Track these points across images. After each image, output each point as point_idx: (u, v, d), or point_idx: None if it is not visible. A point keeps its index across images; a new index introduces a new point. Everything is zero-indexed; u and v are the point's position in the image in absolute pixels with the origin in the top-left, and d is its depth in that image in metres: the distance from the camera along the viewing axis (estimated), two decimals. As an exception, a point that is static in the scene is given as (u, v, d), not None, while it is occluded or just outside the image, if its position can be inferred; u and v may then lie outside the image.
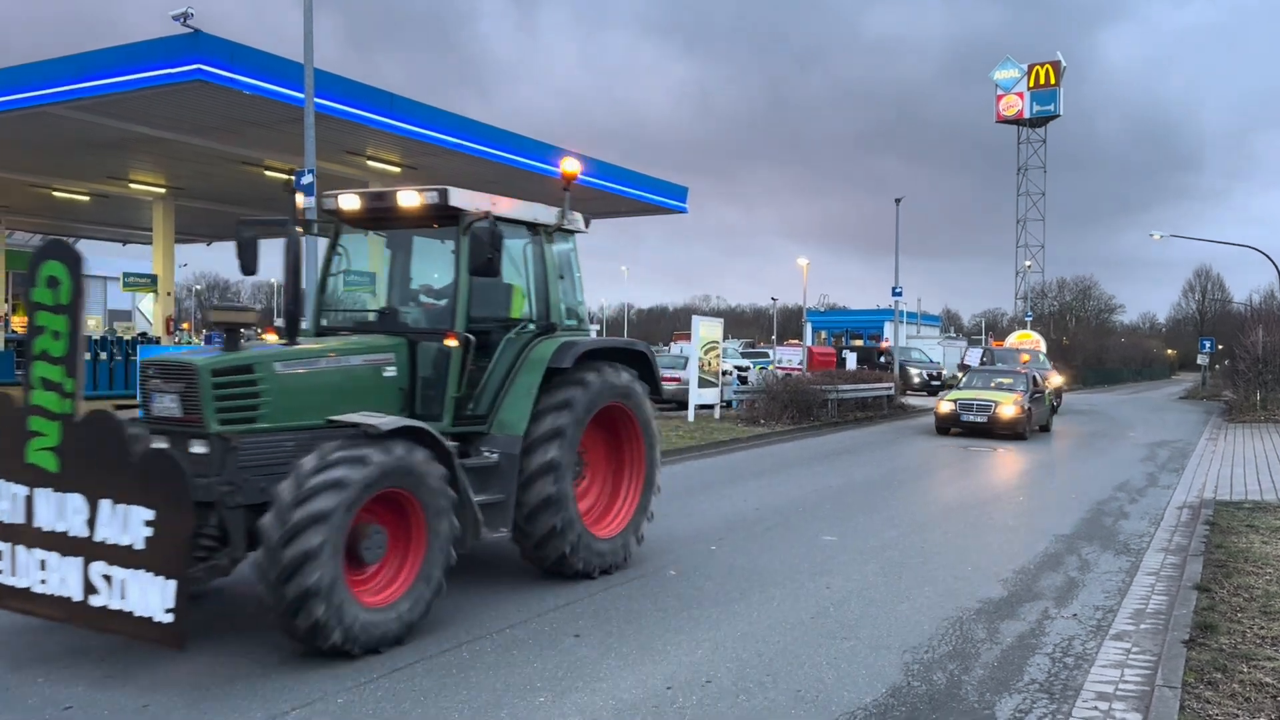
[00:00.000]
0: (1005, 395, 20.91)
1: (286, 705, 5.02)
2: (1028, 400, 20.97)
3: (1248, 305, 68.54)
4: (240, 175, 24.34)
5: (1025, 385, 21.92)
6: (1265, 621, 6.46)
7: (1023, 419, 20.33)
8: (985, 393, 21.40)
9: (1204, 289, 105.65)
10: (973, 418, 20.42)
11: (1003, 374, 23.37)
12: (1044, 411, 22.98)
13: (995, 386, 22.03)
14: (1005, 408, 20.21)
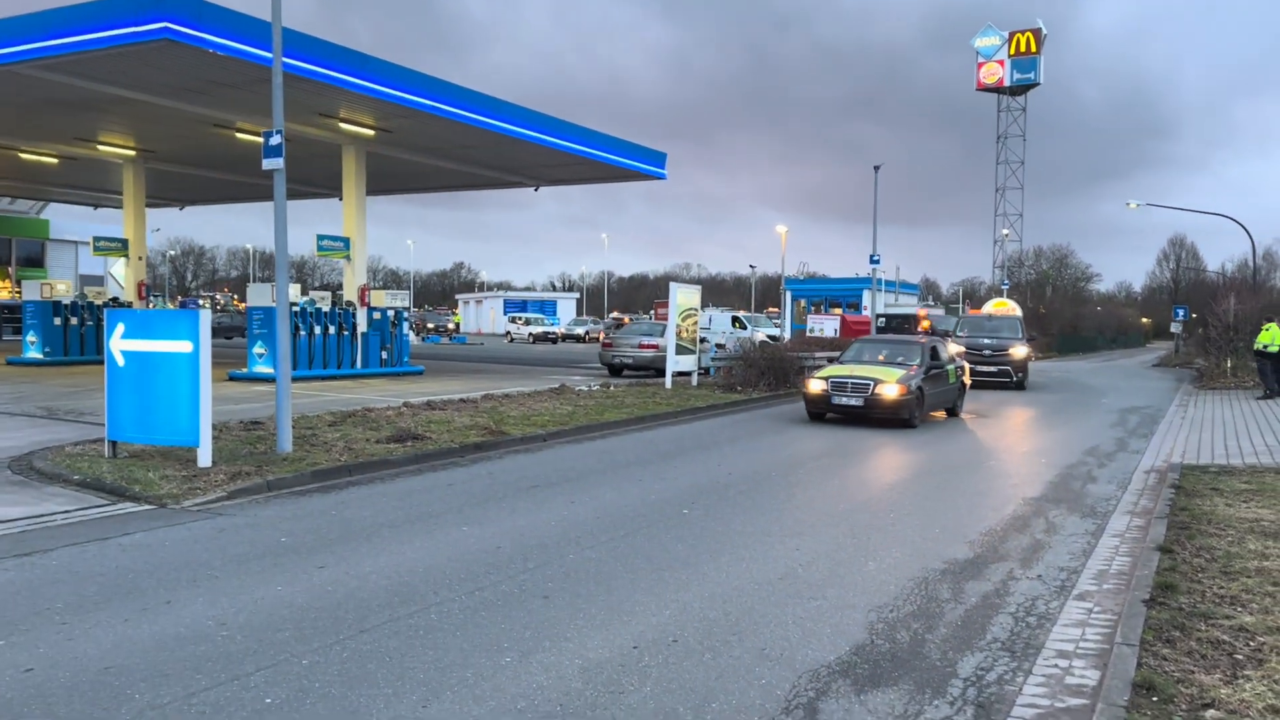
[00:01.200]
0: (890, 371, 16.67)
1: (251, 666, 5.02)
2: (920, 378, 16.72)
3: (1221, 274, 69.19)
4: (212, 137, 24.03)
5: (920, 358, 17.59)
6: (1225, 581, 6.55)
7: (909, 401, 16.13)
8: (866, 368, 17.03)
9: (1179, 258, 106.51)
10: (846, 400, 16.29)
11: (895, 344, 19.04)
12: (948, 391, 18.36)
13: (883, 360, 17.78)
14: (886, 387, 16.05)
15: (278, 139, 11.07)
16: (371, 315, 24.41)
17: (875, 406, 16.10)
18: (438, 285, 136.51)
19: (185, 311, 10.53)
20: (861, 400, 16.16)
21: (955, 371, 18.63)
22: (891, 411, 16.10)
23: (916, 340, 19.41)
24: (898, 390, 16.06)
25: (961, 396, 19.06)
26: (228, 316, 55.93)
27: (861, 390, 16.24)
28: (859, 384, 16.35)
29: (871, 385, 16.19)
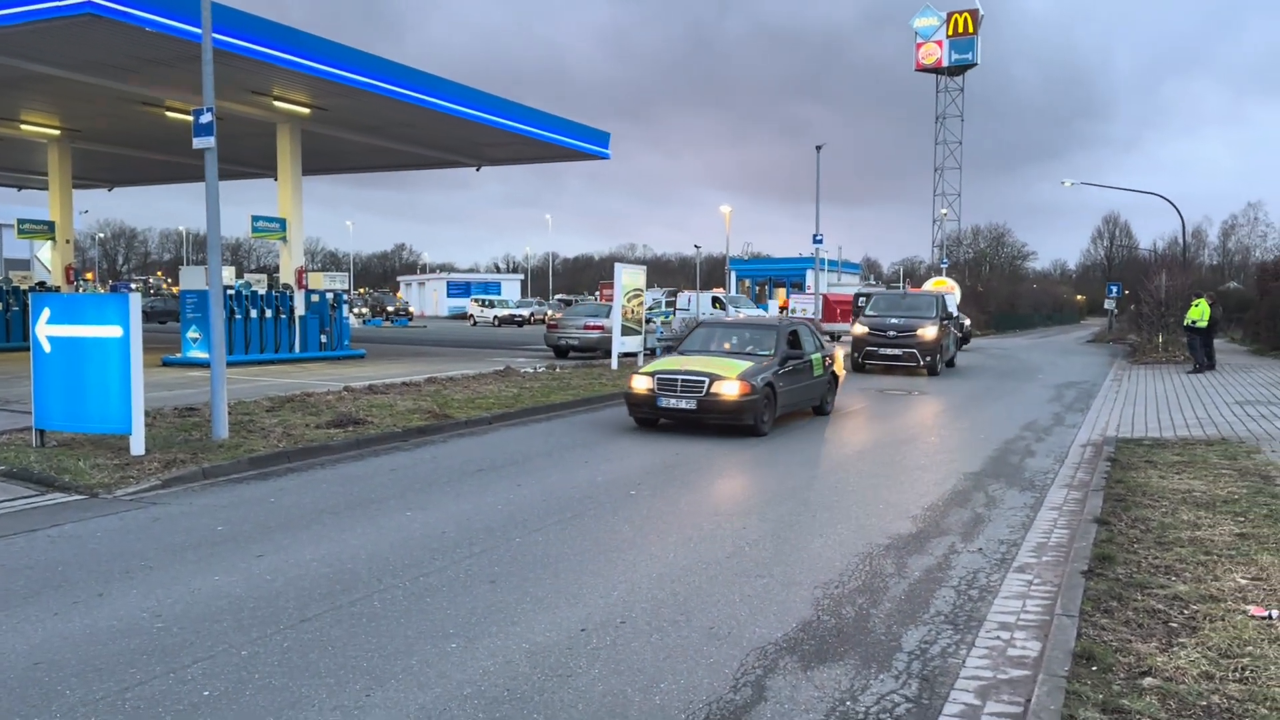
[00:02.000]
0: (732, 364, 13.19)
1: (188, 659, 4.88)
2: (773, 371, 13.36)
3: (1153, 251, 71.02)
4: (140, 116, 23.30)
5: (774, 346, 14.18)
6: (1159, 551, 6.71)
7: (753, 403, 12.63)
8: (706, 360, 13.52)
9: (1112, 235, 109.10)
10: (674, 402, 12.79)
11: (746, 329, 15.48)
12: (813, 386, 14.84)
13: (729, 350, 14.51)
14: (726, 384, 12.60)
15: (208, 117, 10.75)
16: (310, 298, 23.95)
17: (711, 409, 12.64)
18: (378, 267, 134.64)
19: (115, 295, 10.21)
20: (694, 402, 12.66)
21: (822, 362, 15.17)
22: (731, 415, 12.67)
23: (771, 324, 15.63)
24: (738, 388, 12.60)
25: (832, 391, 15.64)
26: (161, 300, 54.47)
27: (694, 389, 12.72)
28: (691, 381, 12.76)
29: (706, 383, 12.66)
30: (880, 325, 24.12)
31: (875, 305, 26.33)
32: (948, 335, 25.28)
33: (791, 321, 15.92)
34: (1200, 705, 4.25)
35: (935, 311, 24.53)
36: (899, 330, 23.73)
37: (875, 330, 24.04)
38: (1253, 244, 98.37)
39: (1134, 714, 4.14)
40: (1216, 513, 7.81)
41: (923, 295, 27.93)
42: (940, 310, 24.77)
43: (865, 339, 24.11)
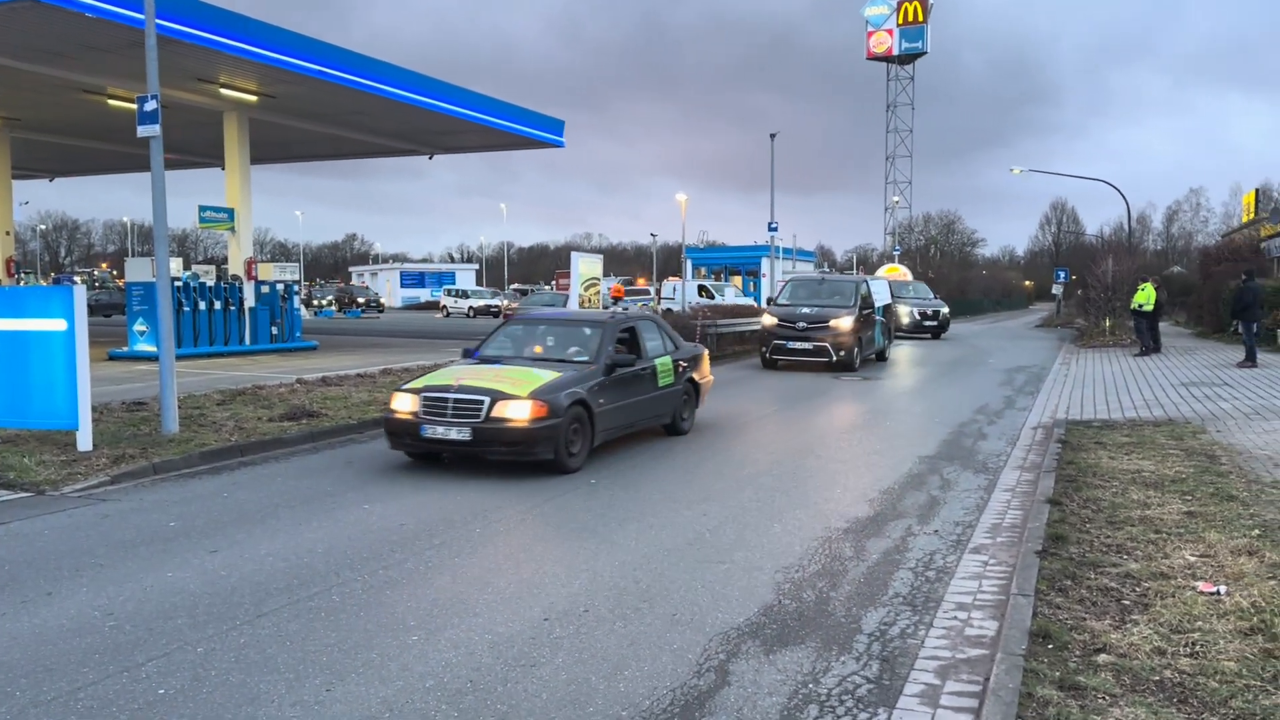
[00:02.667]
0: (530, 377, 9.66)
1: (141, 656, 4.79)
2: (592, 384, 9.94)
3: (1099, 237, 72.36)
4: (82, 104, 22.77)
5: (596, 351, 10.55)
6: (1111, 531, 6.84)
7: (552, 430, 9.16)
8: (497, 373, 9.92)
9: (1060, 222, 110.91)
10: (443, 431, 9.32)
11: (565, 326, 11.63)
12: (657, 401, 11.33)
13: (539, 356, 10.88)
14: (513, 406, 9.14)
15: (153, 105, 10.51)
16: (260, 289, 23.59)
17: (492, 441, 9.06)
18: (329, 258, 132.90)
19: (59, 288, 9.97)
20: (468, 431, 9.07)
21: (674, 368, 11.59)
22: (520, 448, 9.06)
23: (597, 320, 11.34)
24: (529, 410, 9.00)
25: (690, 405, 12.09)
26: (107, 293, 53.29)
27: (469, 413, 9.13)
28: (466, 402, 9.19)
29: (486, 404, 9.07)
30: (790, 316, 20.88)
31: (789, 293, 22.57)
32: (871, 327, 22.00)
33: (626, 318, 11.62)
34: (1153, 680, 4.34)
35: (854, 300, 21.19)
36: (810, 322, 20.45)
37: (784, 322, 20.87)
38: (1195, 229, 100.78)
39: (1089, 690, 4.22)
40: (1165, 492, 7.99)
41: (843, 281, 23.58)
42: (860, 298, 21.41)
43: (774, 332, 20.94)
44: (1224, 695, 4.15)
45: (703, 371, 12.77)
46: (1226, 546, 6.27)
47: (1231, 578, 5.64)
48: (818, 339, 20.19)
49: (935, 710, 4.26)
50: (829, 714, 4.24)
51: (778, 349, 20.72)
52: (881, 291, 24.40)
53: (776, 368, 20.82)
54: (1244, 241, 39.55)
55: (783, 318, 21.01)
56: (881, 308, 23.44)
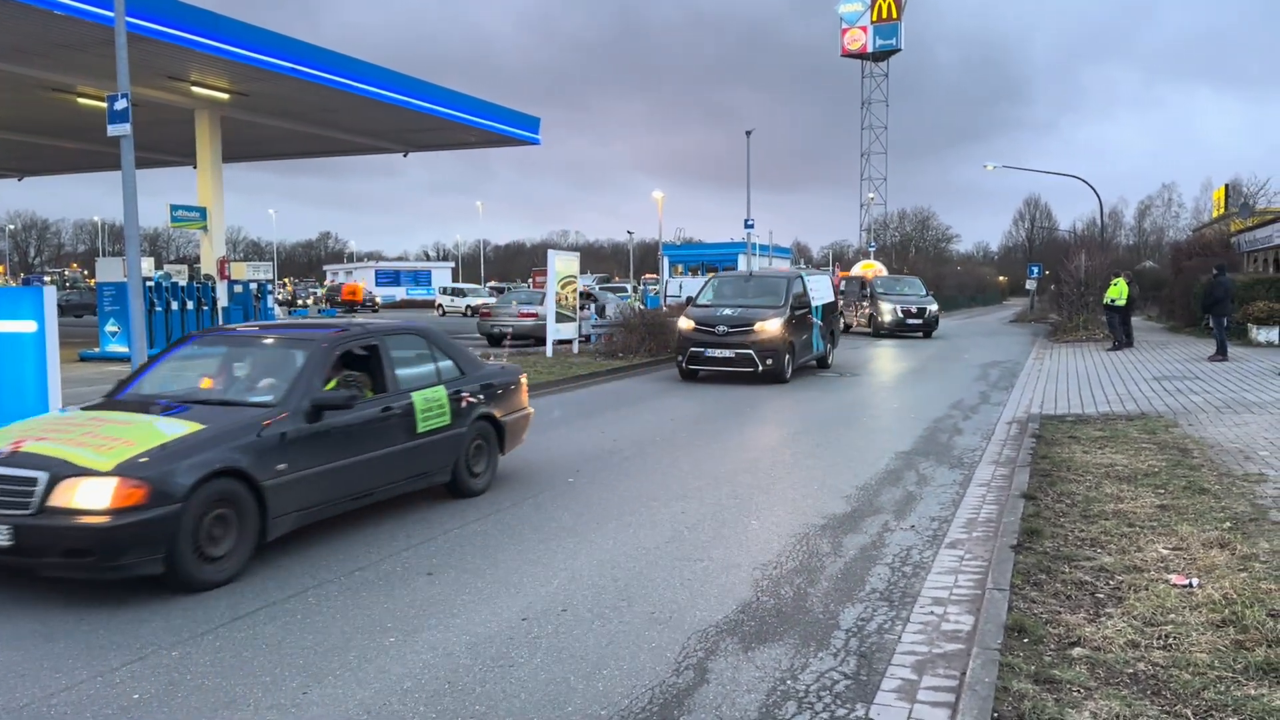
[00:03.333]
0: (131, 437, 5.97)
1: (116, 661, 4.74)
2: (249, 446, 6.19)
3: (1072, 232, 73.01)
4: (50, 103, 22.50)
5: (287, 390, 6.85)
6: (1085, 525, 6.91)
7: (149, 531, 5.51)
8: (79, 432, 6.10)
9: (1033, 217, 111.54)
10: None
11: (260, 348, 7.93)
12: (422, 453, 7.84)
13: (182, 399, 6.96)
14: (85, 489, 5.51)
15: (124, 103, 10.40)
16: (233, 289, 23.39)
17: (43, 549, 5.56)
18: (303, 256, 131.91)
19: (28, 289, 9.83)
20: (6, 533, 5.50)
21: (451, 404, 8.18)
22: (87, 559, 5.52)
23: (308, 338, 7.57)
24: (112, 494, 5.54)
25: (486, 454, 8.70)
26: (77, 294, 52.66)
27: (13, 502, 5.59)
28: (9, 484, 5.64)
29: (40, 486, 5.57)
30: (709, 319, 17.61)
31: (711, 291, 19.34)
32: (807, 329, 18.81)
33: (360, 333, 7.83)
34: (1127, 673, 4.38)
35: (784, 299, 17.88)
36: (732, 325, 17.21)
37: (703, 326, 17.56)
38: (1166, 224, 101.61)
39: (1064, 683, 4.26)
40: (1138, 486, 8.07)
41: (773, 277, 20.13)
42: (793, 297, 18.16)
43: (690, 337, 17.70)
44: (1196, 687, 4.20)
45: (513, 404, 9.22)
46: (1198, 539, 6.34)
47: (1203, 570, 5.71)
48: (740, 345, 16.94)
49: (912, 705, 4.28)
50: (807, 710, 4.26)
51: (695, 357, 17.45)
52: (822, 289, 20.74)
53: (697, 378, 17.91)
54: (1215, 236, 40.03)
55: (701, 320, 17.54)
56: (821, 307, 19.80)
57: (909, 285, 35.62)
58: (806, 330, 18.75)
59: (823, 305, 20.10)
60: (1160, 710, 4.01)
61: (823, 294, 20.47)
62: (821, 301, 20.00)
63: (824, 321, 20.05)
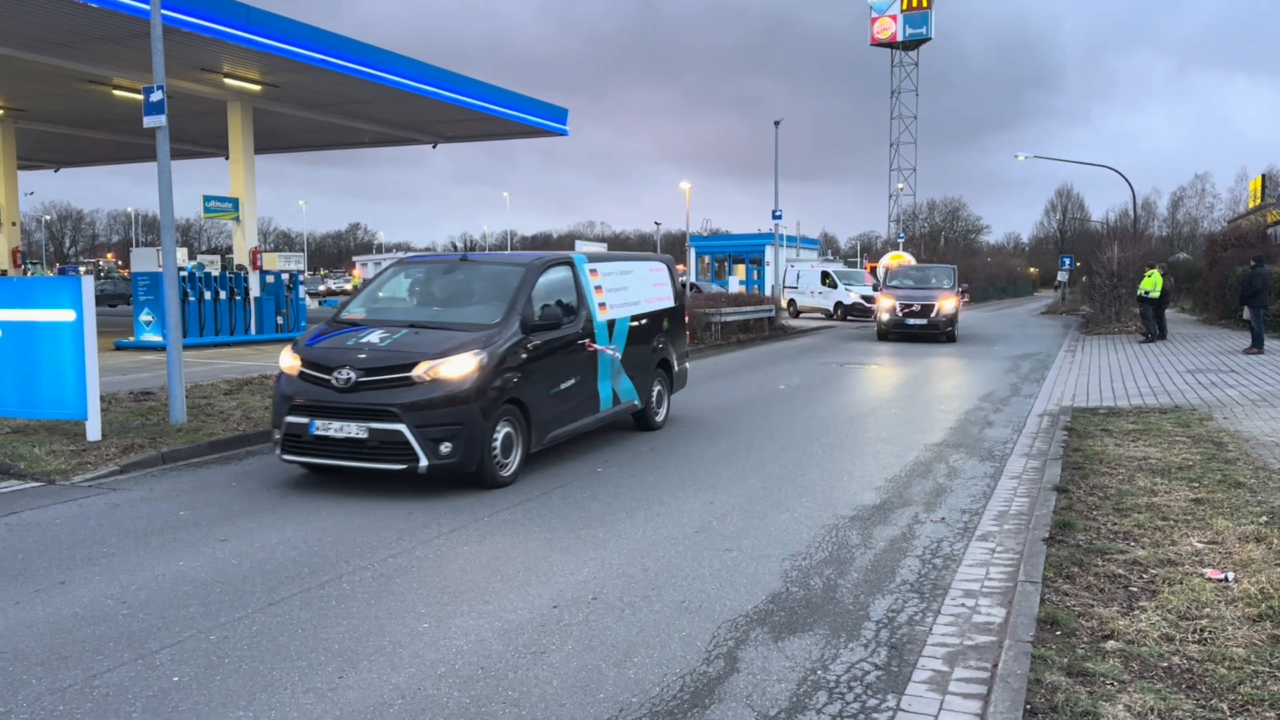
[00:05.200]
0: None
1: (155, 644, 4.83)
2: None
3: (1104, 223, 72.13)
4: (87, 95, 22.79)
5: None
6: (1117, 518, 6.85)
7: None
8: None
9: (1064, 208, 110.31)
10: None
11: None
12: None
13: None
14: None
15: (159, 95, 10.51)
16: (264, 279, 23.61)
17: None
18: (333, 247, 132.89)
19: (67, 279, 9.99)
20: None
21: None
22: None
23: None
24: None
25: None
26: (111, 283, 53.29)
27: None
28: None
29: None
30: (331, 357, 8.51)
31: (384, 291, 10.30)
32: (577, 369, 9.68)
33: None
34: (1161, 666, 4.36)
35: (509, 309, 8.90)
36: (369, 372, 8.13)
37: (314, 370, 8.43)
38: (1200, 215, 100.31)
39: (1098, 676, 4.24)
40: (1172, 479, 7.99)
41: (502, 267, 10.00)
42: (536, 306, 9.19)
43: (292, 392, 8.86)
44: (1232, 681, 4.17)
45: None
46: (1234, 533, 6.28)
47: (1239, 564, 5.66)
48: (379, 413, 7.96)
49: (944, 696, 4.28)
50: (838, 700, 4.26)
51: (294, 441, 8.31)
52: (638, 285, 11.48)
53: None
54: (1251, 227, 39.39)
55: (315, 362, 8.43)
56: (637, 320, 11.03)
57: (937, 275, 29.08)
58: (574, 370, 9.58)
59: (640, 317, 11.10)
60: (1195, 704, 3.98)
61: (639, 295, 11.32)
62: (637, 310, 11.07)
63: (646, 345, 11.18)
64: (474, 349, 8.17)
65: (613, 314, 10.45)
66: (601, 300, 10.29)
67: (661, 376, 11.68)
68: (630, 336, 10.75)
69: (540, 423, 8.83)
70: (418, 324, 8.78)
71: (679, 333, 12.50)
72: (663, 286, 12.14)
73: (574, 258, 10.15)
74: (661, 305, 11.88)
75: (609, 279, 10.67)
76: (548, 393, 9.00)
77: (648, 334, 11.26)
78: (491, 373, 8.16)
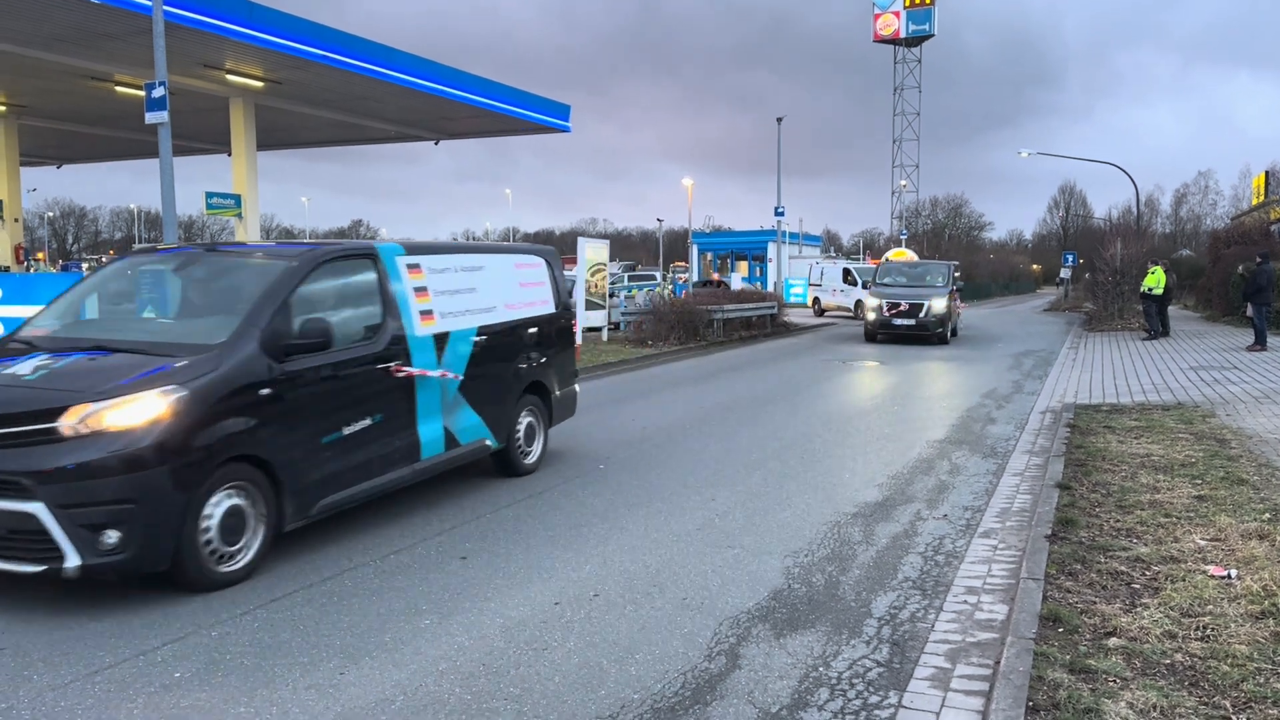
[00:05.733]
0: None
1: (157, 640, 4.83)
2: None
3: (1107, 220, 72.00)
4: (89, 91, 22.76)
5: None
6: (1120, 515, 6.84)
7: None
8: None
9: (1067, 205, 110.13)
10: None
11: None
12: None
13: None
14: None
15: (161, 91, 10.53)
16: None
17: None
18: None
19: (71, 275, 10.00)
20: None
21: None
22: None
23: None
24: None
25: None
26: (114, 280, 53.21)
27: None
28: None
29: None
30: None
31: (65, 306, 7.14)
32: (385, 403, 7.02)
33: None
34: (1164, 664, 4.35)
35: (253, 322, 6.13)
36: None
37: None
38: (1204, 212, 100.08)
39: (1100, 673, 4.23)
40: (1174, 476, 7.98)
41: (254, 264, 7.02)
42: (260, 307, 6.29)
43: None
44: (1235, 678, 4.16)
45: None
46: (1237, 530, 6.26)
47: (1242, 561, 5.64)
48: None
49: (946, 693, 4.27)
50: (839, 697, 4.26)
51: None
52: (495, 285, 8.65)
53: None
54: (1254, 224, 39.31)
55: None
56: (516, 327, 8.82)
57: (931, 272, 26.87)
58: (371, 406, 6.88)
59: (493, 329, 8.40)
60: (1198, 701, 3.98)
61: (492, 299, 8.53)
62: (489, 319, 8.38)
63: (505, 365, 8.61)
64: (165, 384, 5.50)
65: (445, 325, 7.70)
66: (425, 307, 7.51)
67: (533, 406, 9.00)
68: (477, 355, 8.02)
69: (302, 487, 6.18)
70: (109, 345, 6.09)
71: (562, 348, 9.63)
72: (536, 288, 9.31)
73: (379, 249, 7.41)
74: (531, 312, 9.06)
75: (441, 278, 7.85)
76: (318, 441, 6.34)
77: (508, 351, 8.61)
78: (197, 419, 5.54)
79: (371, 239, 76.02)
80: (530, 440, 8.94)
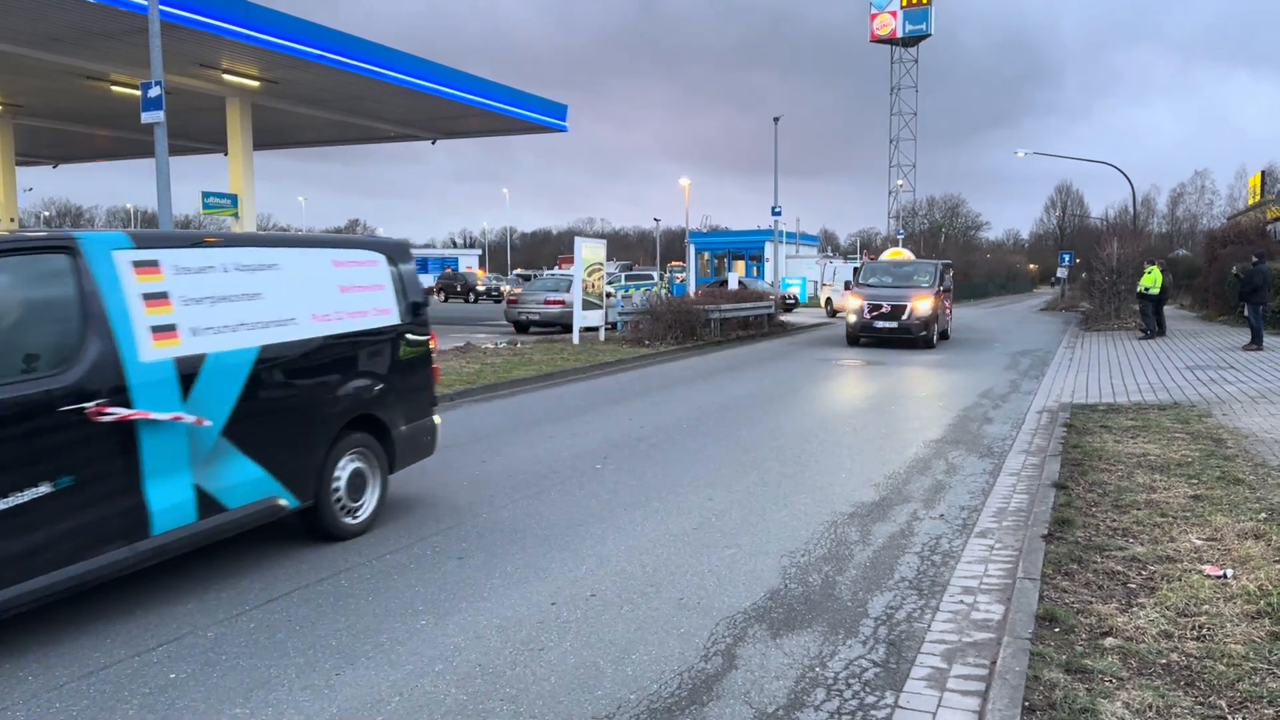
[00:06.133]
0: None
1: (153, 641, 4.82)
2: None
3: (1104, 219, 72.15)
4: (85, 91, 22.75)
5: None
6: (1116, 514, 6.84)
7: None
8: None
9: (1064, 205, 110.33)
10: None
11: None
12: None
13: None
14: None
15: (157, 91, 10.51)
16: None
17: None
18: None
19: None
20: None
21: None
22: None
23: None
24: None
25: None
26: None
27: None
28: None
29: None
30: None
31: None
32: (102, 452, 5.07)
33: None
34: (1160, 663, 4.35)
35: None
36: None
37: None
38: (1200, 212, 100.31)
39: (1096, 673, 4.23)
40: (1171, 476, 7.98)
41: None
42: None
43: None
44: (1231, 678, 4.16)
45: None
46: (1233, 530, 6.27)
47: (1238, 561, 5.65)
48: None
49: (942, 693, 4.27)
50: (836, 697, 4.26)
51: None
52: (298, 288, 6.47)
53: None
54: (1250, 224, 39.35)
55: None
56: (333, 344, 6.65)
57: (919, 272, 25.07)
58: (47, 469, 4.75)
59: (290, 350, 6.29)
60: (1194, 701, 3.98)
61: (293, 308, 6.39)
62: (283, 336, 6.25)
63: (311, 396, 6.47)
64: None
65: (199, 345, 5.60)
66: (166, 321, 5.44)
67: (361, 447, 6.87)
68: (257, 384, 5.96)
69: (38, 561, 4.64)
70: None
71: (411, 369, 7.49)
72: (368, 293, 7.12)
73: (81, 240, 5.19)
74: (359, 324, 6.94)
75: (197, 281, 5.72)
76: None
77: (315, 376, 6.50)
78: None
79: (368, 239, 75.16)
80: (356, 494, 6.78)
